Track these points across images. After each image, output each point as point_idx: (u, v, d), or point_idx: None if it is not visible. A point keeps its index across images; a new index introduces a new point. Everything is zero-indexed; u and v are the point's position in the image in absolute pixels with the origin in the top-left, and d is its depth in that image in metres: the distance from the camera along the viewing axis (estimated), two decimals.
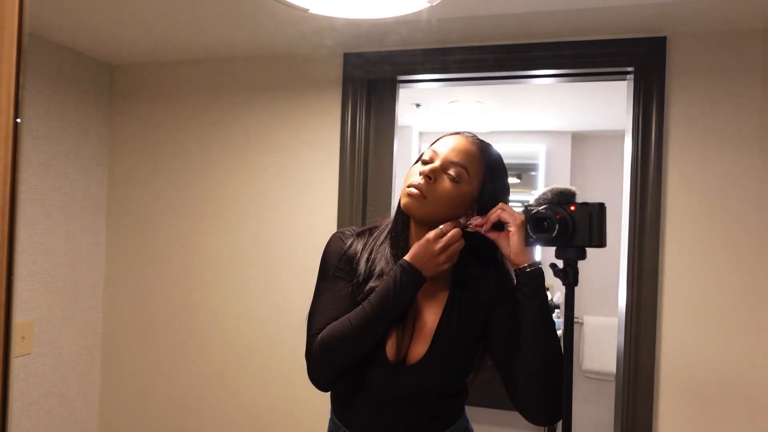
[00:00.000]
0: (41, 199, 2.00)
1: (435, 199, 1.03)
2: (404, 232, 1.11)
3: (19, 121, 0.49)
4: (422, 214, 1.05)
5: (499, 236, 1.04)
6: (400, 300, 1.00)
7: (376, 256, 1.10)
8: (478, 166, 1.06)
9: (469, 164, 1.05)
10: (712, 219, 1.69)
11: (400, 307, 1.01)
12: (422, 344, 1.06)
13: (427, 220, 1.06)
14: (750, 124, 1.67)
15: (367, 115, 2.01)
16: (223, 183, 2.16)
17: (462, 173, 1.04)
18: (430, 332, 1.07)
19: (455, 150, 1.06)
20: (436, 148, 1.08)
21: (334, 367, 1.04)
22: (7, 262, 0.48)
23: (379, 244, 1.13)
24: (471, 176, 1.05)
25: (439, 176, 1.04)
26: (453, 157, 1.05)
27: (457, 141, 1.08)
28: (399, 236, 1.11)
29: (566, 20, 1.68)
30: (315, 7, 1.14)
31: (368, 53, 1.98)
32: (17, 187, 0.49)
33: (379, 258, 1.10)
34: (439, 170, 1.04)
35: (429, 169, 1.03)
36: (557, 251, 1.23)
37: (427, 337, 1.06)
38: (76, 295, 2.16)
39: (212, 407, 2.16)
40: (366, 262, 1.09)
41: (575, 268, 1.00)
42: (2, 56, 0.48)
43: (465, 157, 1.05)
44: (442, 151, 1.06)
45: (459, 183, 1.04)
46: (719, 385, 1.68)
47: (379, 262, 1.09)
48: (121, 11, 1.74)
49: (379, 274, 1.07)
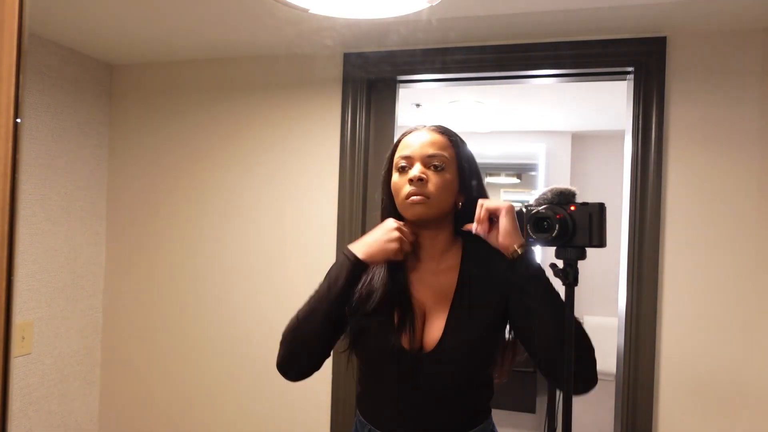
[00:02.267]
0: (41, 199, 2.00)
1: (436, 195, 1.07)
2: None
3: (19, 121, 0.49)
4: (430, 214, 1.08)
5: (490, 232, 1.06)
6: (336, 286, 1.05)
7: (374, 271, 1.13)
8: (448, 147, 1.11)
9: (443, 149, 1.10)
10: (712, 219, 1.69)
11: (336, 291, 1.05)
12: (437, 329, 1.07)
13: (434, 217, 1.09)
14: (750, 124, 1.67)
15: (367, 115, 2.01)
16: (222, 183, 2.16)
17: (442, 159, 1.08)
18: (443, 317, 1.08)
19: (425, 144, 1.09)
20: (406, 152, 1.10)
21: (292, 355, 1.09)
22: (7, 262, 0.48)
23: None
24: (449, 158, 1.10)
25: (428, 174, 1.07)
26: (428, 151, 1.08)
27: (422, 136, 1.11)
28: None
29: (566, 20, 1.68)
30: (315, 7, 1.14)
31: (368, 53, 1.98)
32: (17, 187, 0.49)
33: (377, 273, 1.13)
34: (424, 168, 1.07)
35: (418, 173, 1.06)
36: (557, 251, 1.23)
37: (440, 322, 1.07)
38: (76, 295, 2.16)
39: (212, 407, 2.16)
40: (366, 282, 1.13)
41: (575, 268, 1.00)
42: (2, 56, 0.48)
43: (437, 146, 1.09)
44: (414, 152, 1.09)
45: (444, 170, 1.08)
46: (719, 384, 1.68)
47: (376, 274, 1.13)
48: (121, 11, 1.74)
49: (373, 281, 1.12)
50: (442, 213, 1.10)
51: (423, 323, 1.08)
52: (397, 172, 1.11)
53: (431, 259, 1.13)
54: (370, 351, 1.11)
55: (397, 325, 1.07)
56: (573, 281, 0.98)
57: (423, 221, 1.09)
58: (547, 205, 1.03)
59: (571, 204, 1.04)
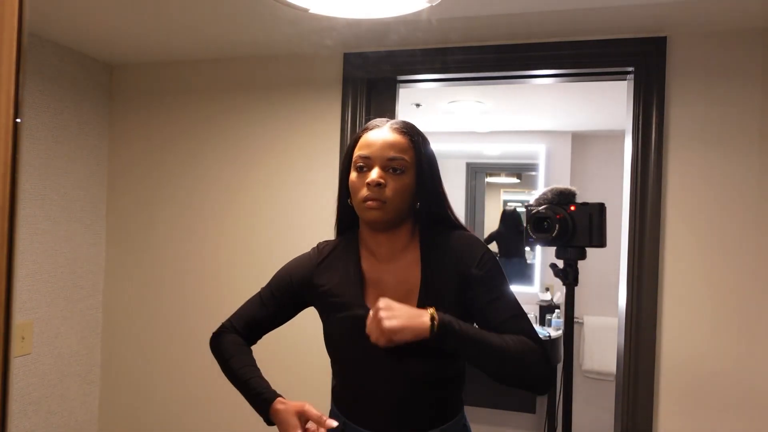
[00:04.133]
0: (41, 199, 2.00)
1: (392, 199, 1.06)
2: (354, 242, 1.17)
3: (19, 121, 0.49)
4: (387, 219, 1.08)
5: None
6: (247, 396, 1.16)
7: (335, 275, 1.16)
8: (408, 149, 1.08)
9: (404, 152, 1.08)
10: (712, 219, 1.69)
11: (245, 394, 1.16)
12: None
13: (392, 221, 1.09)
14: (750, 124, 1.67)
15: (367, 115, 2.01)
16: (222, 183, 2.16)
17: (402, 163, 1.07)
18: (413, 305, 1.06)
19: (385, 146, 1.07)
20: (365, 152, 1.08)
21: (216, 358, 1.26)
22: (7, 262, 0.48)
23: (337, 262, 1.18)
24: (409, 162, 1.08)
25: (386, 178, 1.06)
26: (388, 154, 1.07)
27: (383, 135, 1.09)
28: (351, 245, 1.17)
29: (566, 20, 1.68)
30: (315, 7, 1.14)
31: (368, 53, 1.98)
32: (17, 187, 0.49)
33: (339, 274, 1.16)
34: (382, 172, 1.06)
35: (376, 177, 1.05)
36: (557, 251, 1.23)
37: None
38: (76, 295, 2.16)
39: (212, 407, 2.16)
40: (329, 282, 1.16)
41: (575, 268, 1.00)
42: (2, 56, 0.48)
43: (397, 148, 1.07)
44: (374, 153, 1.07)
45: (404, 173, 1.07)
46: (719, 384, 1.68)
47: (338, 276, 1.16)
48: (121, 11, 1.74)
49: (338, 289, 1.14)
50: (400, 216, 1.09)
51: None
52: (355, 171, 1.10)
53: (391, 259, 1.13)
54: (343, 348, 1.11)
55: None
56: (573, 281, 0.99)
57: (379, 225, 1.09)
58: (547, 205, 1.03)
59: (571, 204, 1.04)
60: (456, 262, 1.09)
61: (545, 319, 3.46)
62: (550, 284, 3.59)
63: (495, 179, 3.87)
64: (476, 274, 1.08)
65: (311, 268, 1.19)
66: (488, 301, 1.07)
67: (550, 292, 3.56)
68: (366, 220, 1.10)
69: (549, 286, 3.59)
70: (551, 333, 3.25)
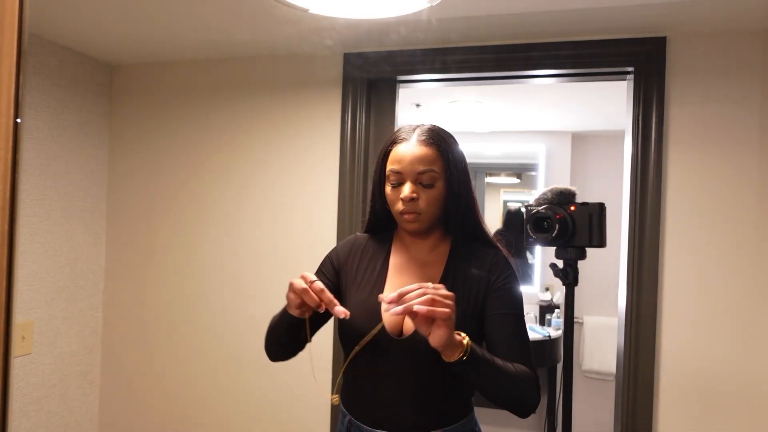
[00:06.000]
0: (41, 199, 2.00)
1: (426, 210, 1.12)
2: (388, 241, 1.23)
3: (19, 121, 0.49)
4: (424, 227, 1.15)
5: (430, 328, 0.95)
6: (280, 320, 1.17)
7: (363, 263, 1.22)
8: (437, 160, 1.11)
9: (432, 163, 1.11)
10: (712, 219, 1.70)
11: (283, 320, 1.15)
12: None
13: (429, 228, 1.16)
14: (750, 124, 1.67)
15: (367, 115, 2.01)
16: (222, 183, 2.16)
17: (432, 176, 1.11)
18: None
19: (414, 160, 1.10)
20: (396, 167, 1.12)
21: (269, 349, 1.23)
22: (7, 262, 0.48)
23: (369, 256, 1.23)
24: (438, 173, 1.11)
25: (418, 191, 1.11)
26: (417, 168, 1.10)
27: (411, 150, 1.11)
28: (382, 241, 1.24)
29: (566, 20, 1.68)
30: (315, 7, 1.14)
31: (368, 53, 1.98)
32: (17, 187, 0.49)
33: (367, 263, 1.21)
34: (414, 186, 1.11)
35: (409, 193, 1.10)
36: (557, 251, 1.23)
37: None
38: (76, 295, 2.16)
39: (212, 407, 2.16)
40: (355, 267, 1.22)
41: (575, 268, 1.00)
42: (2, 56, 0.48)
43: (426, 161, 1.11)
44: (405, 169, 1.11)
45: (434, 185, 1.11)
46: (719, 384, 1.68)
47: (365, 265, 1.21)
48: (121, 11, 1.74)
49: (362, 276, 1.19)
50: (434, 222, 1.16)
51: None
52: (389, 185, 1.15)
53: (419, 253, 1.19)
54: (353, 334, 1.12)
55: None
56: (573, 281, 0.99)
57: (417, 233, 1.16)
58: (547, 205, 1.03)
59: (571, 204, 1.04)
60: (479, 269, 1.14)
61: (545, 319, 3.46)
62: (550, 284, 3.59)
63: (495, 179, 3.87)
64: (496, 285, 1.12)
65: (347, 252, 1.25)
66: (500, 314, 1.11)
67: (550, 292, 3.56)
68: (405, 230, 1.18)
69: (549, 286, 3.59)
70: (551, 333, 3.25)
